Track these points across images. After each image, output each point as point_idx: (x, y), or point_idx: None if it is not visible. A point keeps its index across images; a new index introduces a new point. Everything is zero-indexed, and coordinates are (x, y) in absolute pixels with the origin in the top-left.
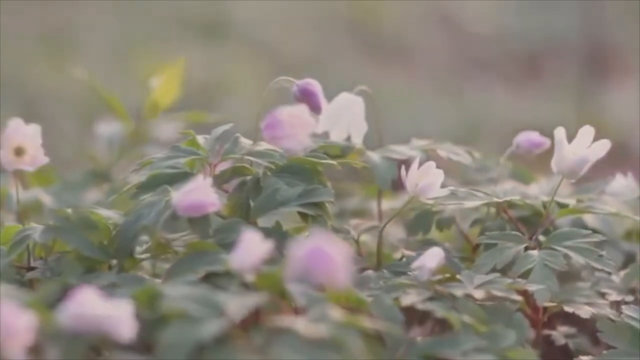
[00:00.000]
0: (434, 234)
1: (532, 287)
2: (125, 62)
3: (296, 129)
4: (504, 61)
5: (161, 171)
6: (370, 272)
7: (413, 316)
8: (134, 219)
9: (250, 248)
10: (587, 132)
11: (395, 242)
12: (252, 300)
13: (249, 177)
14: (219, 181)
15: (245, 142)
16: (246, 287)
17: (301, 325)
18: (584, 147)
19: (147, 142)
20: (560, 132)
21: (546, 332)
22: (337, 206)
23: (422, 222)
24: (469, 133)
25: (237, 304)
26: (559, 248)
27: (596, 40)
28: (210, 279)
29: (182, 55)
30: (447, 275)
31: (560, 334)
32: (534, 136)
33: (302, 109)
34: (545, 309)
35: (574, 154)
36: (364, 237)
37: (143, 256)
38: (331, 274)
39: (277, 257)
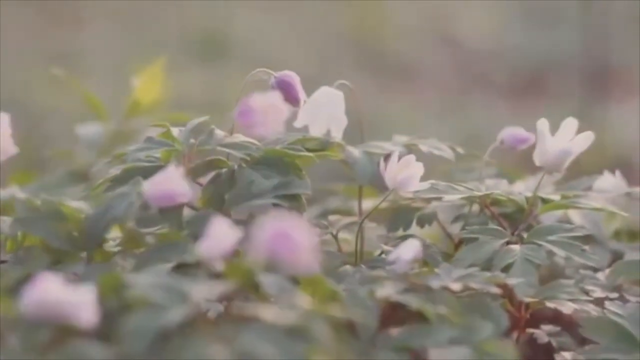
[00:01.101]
0: (419, 232)
1: (512, 281)
2: (126, 80)
3: (269, 116)
4: (507, 79)
5: (136, 164)
6: (348, 267)
7: (396, 313)
8: (104, 210)
9: (219, 237)
10: (570, 124)
11: (376, 239)
12: (217, 288)
13: (224, 170)
14: (194, 174)
15: (221, 134)
16: (216, 276)
17: (269, 313)
18: (567, 139)
19: (129, 142)
20: (542, 125)
21: (530, 330)
22: (322, 206)
23: (403, 219)
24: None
25: (201, 292)
26: (541, 242)
27: (598, 58)
28: (181, 269)
29: (183, 73)
30: (426, 269)
31: (543, 332)
32: (518, 132)
33: (276, 97)
34: (527, 305)
35: (556, 145)
36: (347, 236)
37: (115, 249)
38: (296, 256)
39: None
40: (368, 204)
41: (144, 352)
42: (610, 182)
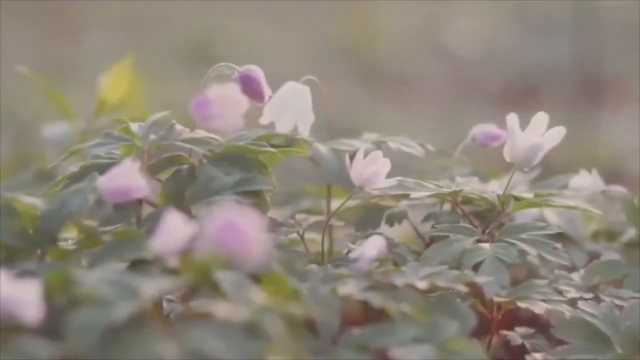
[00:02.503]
0: (391, 232)
1: (480, 279)
2: None
3: (227, 108)
4: (500, 87)
5: (94, 161)
6: (313, 266)
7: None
8: (58, 206)
9: (173, 232)
10: (540, 119)
11: (344, 237)
12: (167, 283)
13: (184, 166)
14: (154, 170)
15: (183, 129)
16: (171, 272)
17: (222, 309)
18: (538, 134)
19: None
20: (512, 119)
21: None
22: (295, 207)
23: (371, 218)
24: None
25: (151, 287)
26: (512, 241)
27: (591, 67)
28: (137, 266)
29: (176, 81)
30: (392, 267)
31: (517, 334)
32: (490, 129)
33: (234, 89)
34: (500, 306)
35: (526, 140)
36: (317, 236)
37: (71, 247)
38: (245, 248)
39: None
40: (338, 203)
41: (91, 349)
42: (586, 181)
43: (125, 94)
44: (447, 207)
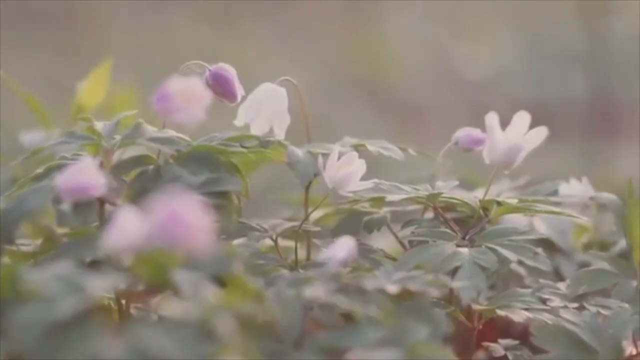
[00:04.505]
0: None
1: (456, 284)
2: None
3: (189, 101)
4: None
5: (59, 162)
6: (285, 271)
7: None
8: (16, 205)
9: (126, 228)
10: (522, 118)
11: (320, 244)
12: (116, 280)
13: (150, 166)
14: (120, 170)
15: (150, 129)
16: (125, 270)
17: (173, 308)
18: (519, 134)
19: None
20: (491, 119)
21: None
22: (277, 215)
23: (349, 224)
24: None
25: (99, 285)
26: (492, 246)
27: (604, 97)
28: (95, 266)
29: None
30: (363, 271)
31: (500, 345)
32: (473, 132)
33: (195, 82)
34: (480, 315)
35: (506, 141)
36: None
37: (30, 250)
38: (188, 238)
39: None
40: (320, 212)
41: (33, 346)
42: (576, 189)
43: (105, 100)
44: (430, 215)
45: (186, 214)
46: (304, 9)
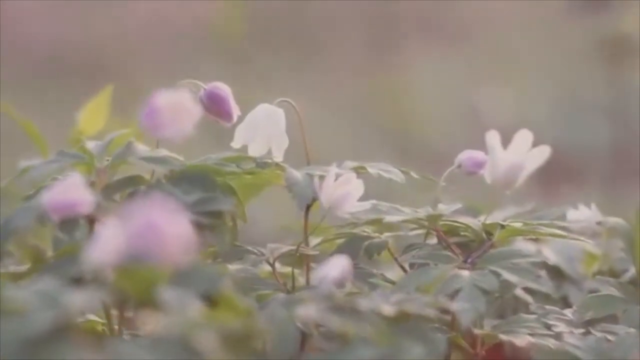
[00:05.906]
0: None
1: (455, 306)
2: None
3: (177, 116)
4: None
5: (52, 183)
6: (281, 295)
7: None
8: (3, 223)
9: (109, 242)
10: (524, 136)
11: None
12: (94, 295)
13: (142, 187)
14: (112, 190)
15: (142, 148)
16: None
17: (156, 323)
18: (521, 153)
19: None
20: (492, 137)
21: None
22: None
23: (350, 248)
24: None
25: (78, 300)
26: (493, 268)
27: (627, 144)
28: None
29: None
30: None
31: None
32: (477, 155)
33: (184, 96)
34: (483, 341)
35: (507, 160)
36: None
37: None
38: (163, 248)
39: None
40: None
41: None
42: (585, 214)
43: (105, 128)
44: (433, 240)
45: (163, 223)
46: (330, 61)
